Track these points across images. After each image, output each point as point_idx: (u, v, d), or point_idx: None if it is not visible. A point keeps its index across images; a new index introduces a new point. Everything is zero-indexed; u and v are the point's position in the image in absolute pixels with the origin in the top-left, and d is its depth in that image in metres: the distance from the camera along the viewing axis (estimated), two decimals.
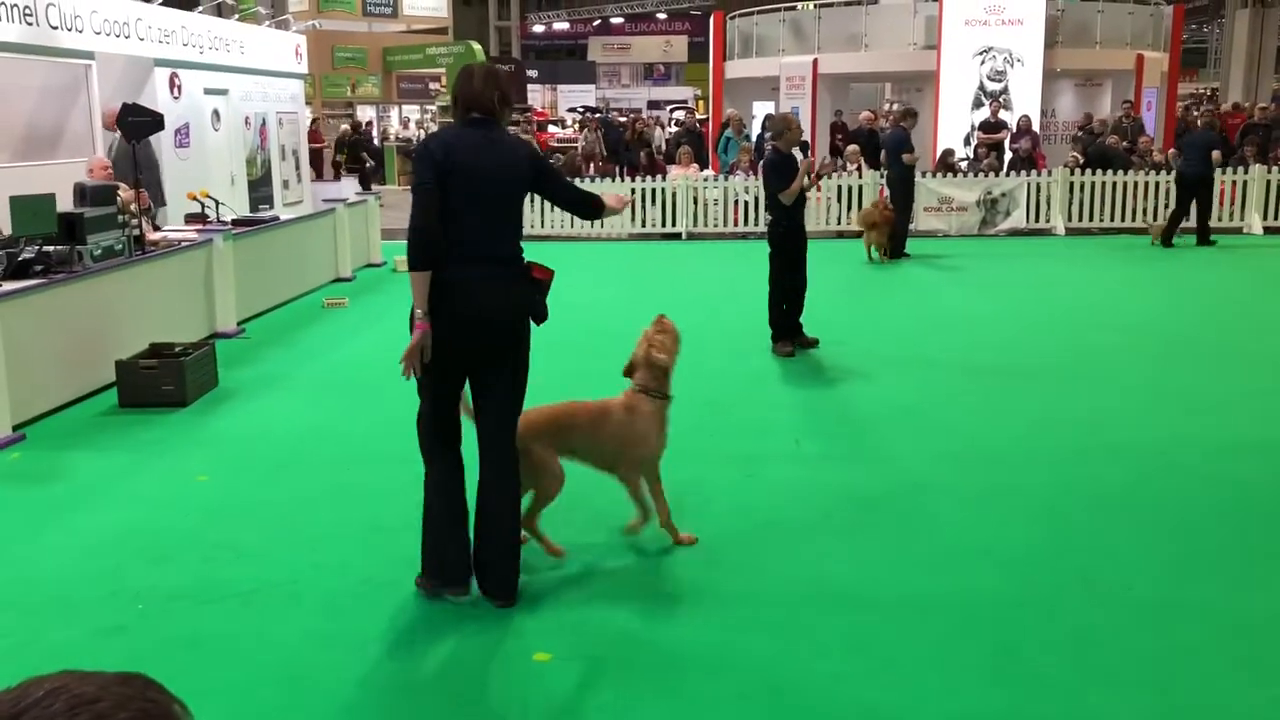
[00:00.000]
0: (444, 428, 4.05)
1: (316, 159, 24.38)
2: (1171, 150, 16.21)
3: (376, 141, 25.58)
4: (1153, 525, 4.80)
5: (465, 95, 3.99)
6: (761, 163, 8.96)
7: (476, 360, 3.98)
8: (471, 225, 3.86)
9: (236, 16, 16.63)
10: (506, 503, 4.10)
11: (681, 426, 4.77)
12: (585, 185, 10.93)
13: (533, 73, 40.95)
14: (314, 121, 26.37)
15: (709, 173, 17.17)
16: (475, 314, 3.87)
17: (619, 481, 4.57)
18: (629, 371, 4.60)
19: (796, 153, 8.75)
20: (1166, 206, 14.94)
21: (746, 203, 15.52)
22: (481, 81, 3.98)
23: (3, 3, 8.91)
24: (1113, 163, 15.73)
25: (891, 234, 12.96)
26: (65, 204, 7.47)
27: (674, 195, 15.50)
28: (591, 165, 19.21)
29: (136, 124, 8.62)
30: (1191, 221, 14.02)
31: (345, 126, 24.44)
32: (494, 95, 3.97)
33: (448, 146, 3.90)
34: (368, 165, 22.50)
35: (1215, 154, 14.02)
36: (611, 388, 4.62)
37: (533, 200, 13.93)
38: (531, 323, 4.07)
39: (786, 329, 8.30)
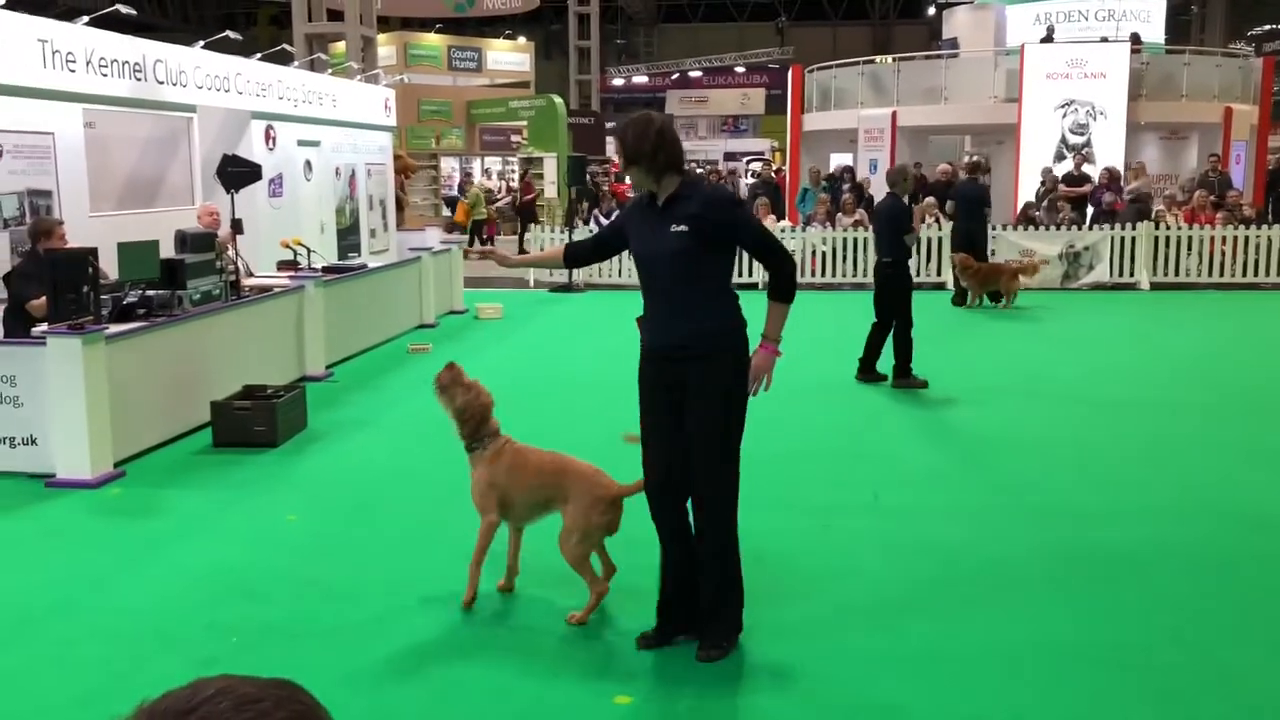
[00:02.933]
0: None
1: (528, 213, 22.23)
2: None
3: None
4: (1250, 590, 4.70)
5: None
6: (878, 208, 9.50)
7: None
8: None
9: (329, 71, 17.20)
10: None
11: (761, 476, 4.77)
12: None
13: (611, 125, 41.60)
14: (525, 174, 23.92)
15: (786, 224, 17.24)
16: None
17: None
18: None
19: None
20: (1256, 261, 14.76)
21: (824, 253, 15.53)
22: None
23: (115, 59, 9.36)
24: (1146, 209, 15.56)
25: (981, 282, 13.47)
26: (167, 250, 7.79)
27: None
28: None
29: (236, 174, 8.98)
30: None
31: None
32: None
33: None
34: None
35: None
36: None
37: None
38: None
39: (903, 366, 8.78)
